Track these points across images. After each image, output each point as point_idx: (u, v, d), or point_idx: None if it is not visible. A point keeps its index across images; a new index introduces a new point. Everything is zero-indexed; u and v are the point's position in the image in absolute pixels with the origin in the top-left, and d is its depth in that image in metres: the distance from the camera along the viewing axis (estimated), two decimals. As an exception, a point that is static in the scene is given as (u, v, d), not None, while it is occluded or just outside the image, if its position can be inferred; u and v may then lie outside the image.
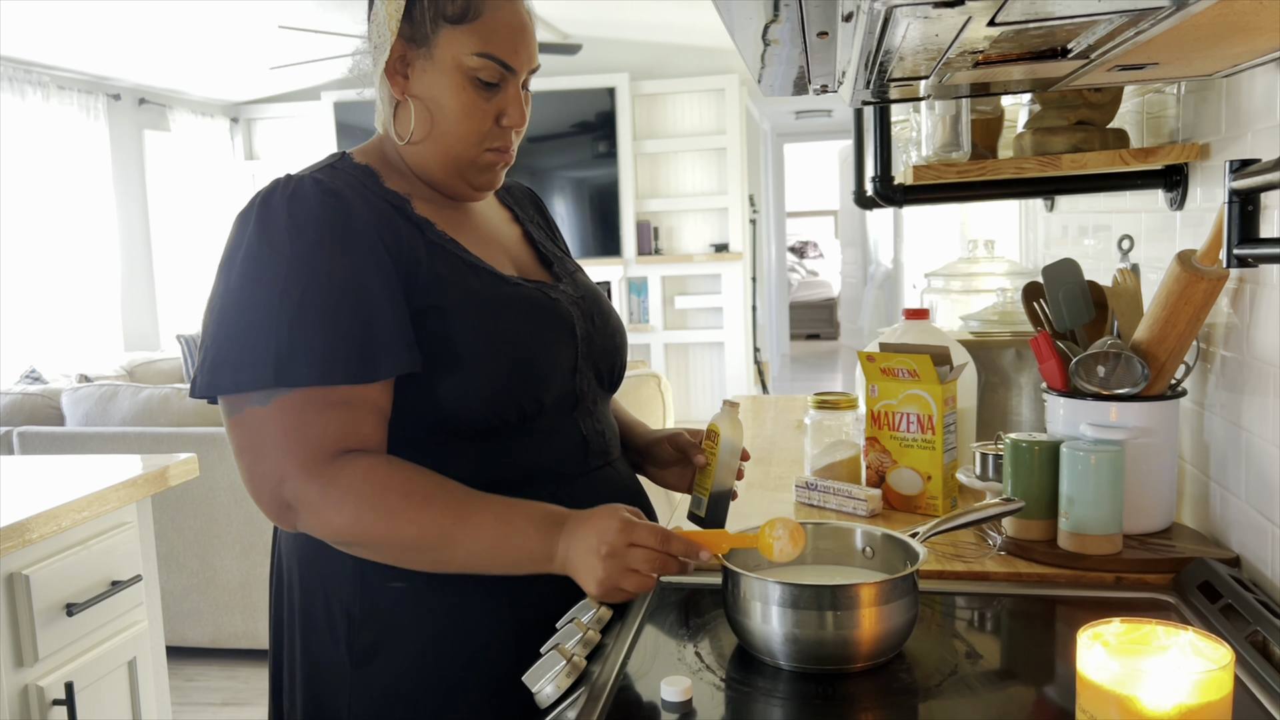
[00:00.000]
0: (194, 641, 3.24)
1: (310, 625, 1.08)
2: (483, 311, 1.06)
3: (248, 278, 1.00)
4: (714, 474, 1.16)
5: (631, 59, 6.30)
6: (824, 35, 0.90)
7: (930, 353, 1.32)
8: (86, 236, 5.33)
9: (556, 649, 0.89)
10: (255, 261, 1.00)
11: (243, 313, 0.99)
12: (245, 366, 0.97)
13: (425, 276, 1.04)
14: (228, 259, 1.03)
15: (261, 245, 1.00)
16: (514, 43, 1.08)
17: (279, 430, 0.98)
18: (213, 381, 0.99)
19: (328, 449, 0.98)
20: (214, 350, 0.99)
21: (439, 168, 1.11)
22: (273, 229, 1.00)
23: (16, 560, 1.54)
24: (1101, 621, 0.73)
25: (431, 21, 1.05)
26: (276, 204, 1.02)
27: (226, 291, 1.01)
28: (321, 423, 0.98)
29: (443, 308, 1.04)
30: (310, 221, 1.00)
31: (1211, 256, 1.11)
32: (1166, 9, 0.74)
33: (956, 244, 3.58)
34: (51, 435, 3.12)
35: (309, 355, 0.97)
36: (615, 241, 6.35)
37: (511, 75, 1.08)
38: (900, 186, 1.57)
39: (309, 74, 6.21)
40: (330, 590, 1.06)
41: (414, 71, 1.08)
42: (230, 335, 0.99)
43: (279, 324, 0.97)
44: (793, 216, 12.04)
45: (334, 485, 0.97)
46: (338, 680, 1.06)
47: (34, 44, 4.77)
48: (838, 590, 0.89)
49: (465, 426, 1.05)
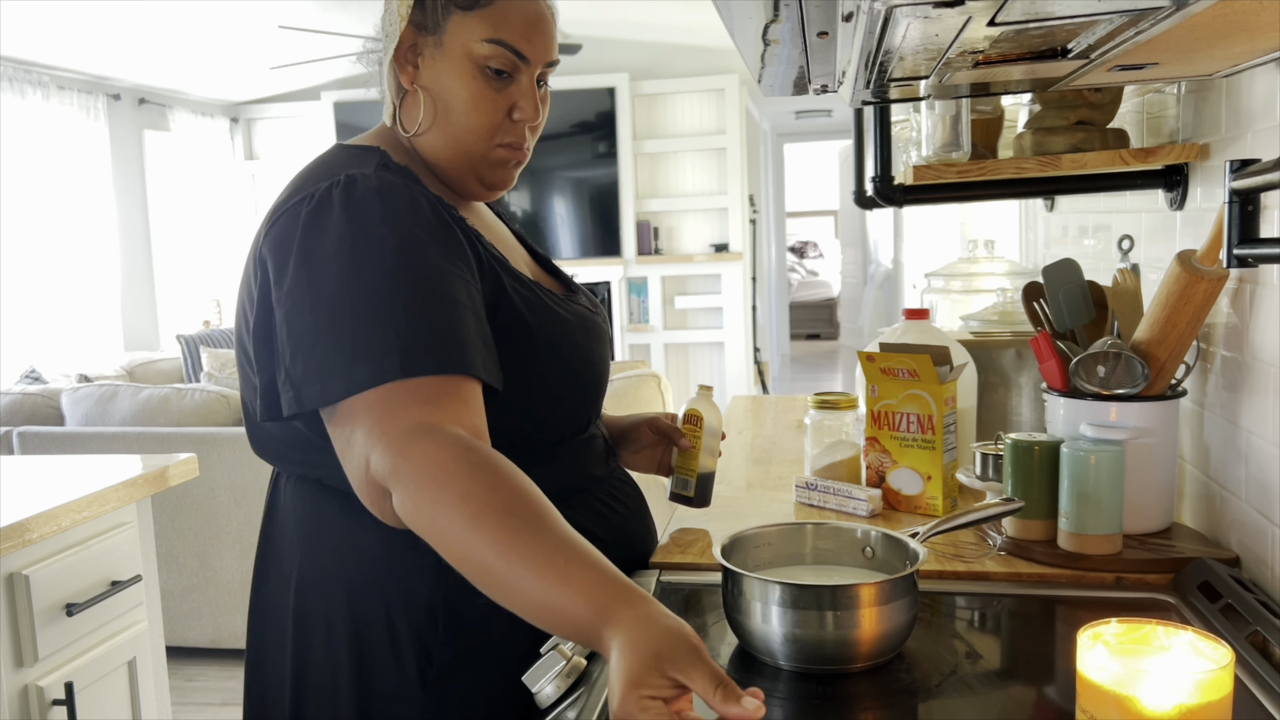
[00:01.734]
0: (194, 641, 3.24)
1: (362, 651, 1.00)
2: (556, 328, 1.04)
3: (351, 267, 0.91)
4: (699, 456, 1.20)
5: (631, 59, 6.30)
6: (824, 35, 0.90)
7: (930, 353, 1.32)
8: (86, 236, 5.33)
9: (556, 649, 0.89)
10: (351, 257, 0.91)
11: (351, 304, 0.90)
12: (366, 360, 0.88)
13: (508, 290, 1.00)
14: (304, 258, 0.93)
15: (362, 236, 0.92)
16: (528, 31, 1.03)
17: (370, 414, 0.88)
18: (326, 390, 0.89)
19: (413, 425, 0.87)
20: (326, 348, 0.90)
21: (448, 161, 1.06)
22: (370, 220, 0.93)
23: (16, 560, 1.54)
24: (1101, 621, 0.73)
25: (442, 8, 1.01)
26: (366, 197, 0.94)
27: (321, 283, 0.91)
28: (418, 400, 0.88)
29: (524, 324, 1.01)
30: (408, 216, 0.94)
31: (1211, 256, 1.11)
32: (1166, 9, 0.74)
33: (956, 244, 3.58)
34: (51, 435, 3.12)
35: (433, 344, 0.89)
36: (615, 241, 6.35)
37: (525, 65, 1.04)
38: (900, 186, 1.57)
39: (309, 74, 6.21)
40: (395, 613, 0.99)
41: (423, 60, 1.03)
42: (343, 329, 0.90)
43: (397, 315, 0.89)
44: (793, 216, 12.04)
45: (405, 457, 0.86)
46: (404, 705, 0.99)
47: (34, 44, 4.77)
48: (838, 590, 0.89)
49: (530, 441, 1.02)
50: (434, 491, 0.84)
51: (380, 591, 1.00)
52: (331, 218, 0.93)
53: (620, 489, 1.19)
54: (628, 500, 1.19)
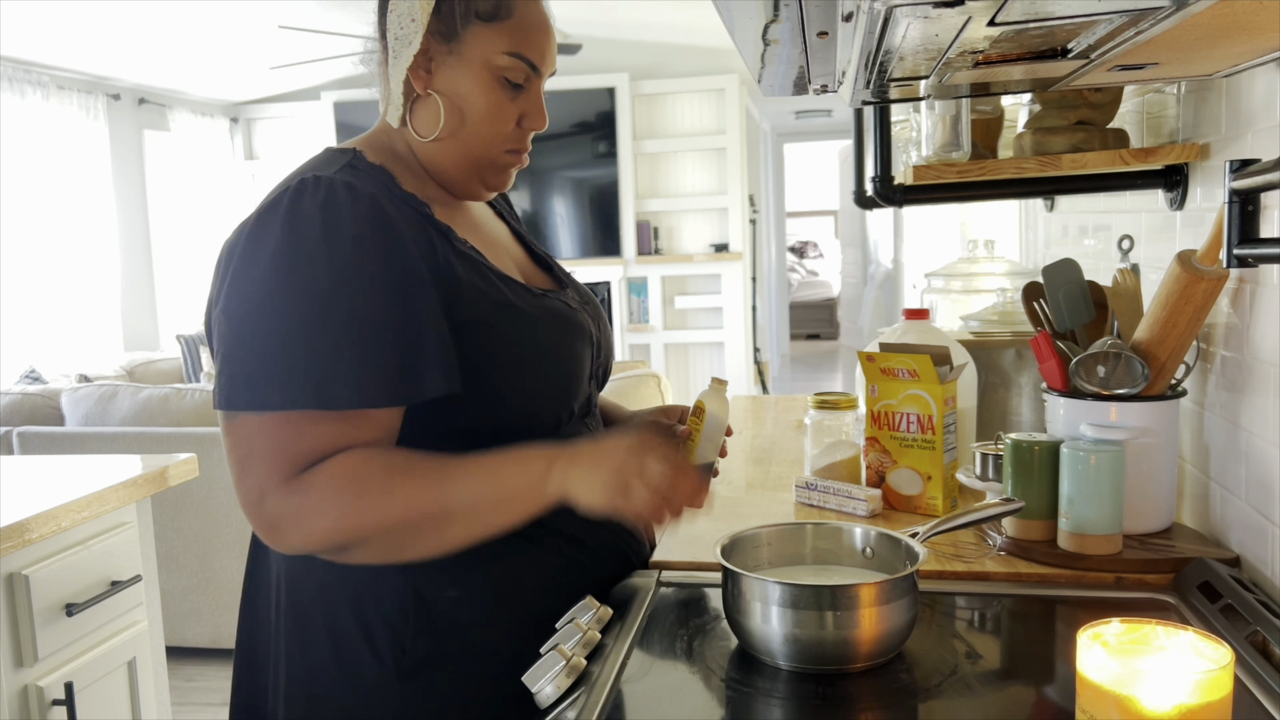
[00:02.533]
0: (194, 641, 3.24)
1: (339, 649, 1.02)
2: (520, 325, 1.04)
3: (280, 287, 0.93)
4: (697, 447, 1.19)
5: (631, 59, 6.30)
6: (824, 35, 0.90)
7: (930, 353, 1.32)
8: (86, 236, 5.33)
9: (556, 649, 0.89)
10: (289, 272, 0.93)
11: (276, 324, 0.93)
12: (279, 385, 0.91)
13: (466, 291, 1.00)
14: (249, 261, 0.95)
15: (296, 253, 0.93)
16: (542, 44, 1.06)
17: (267, 443, 0.92)
18: (249, 396, 0.92)
19: (308, 462, 0.93)
20: (244, 362, 0.93)
21: (456, 166, 1.08)
22: (307, 237, 0.93)
23: (16, 560, 1.54)
24: (1101, 621, 0.73)
25: (462, 18, 1.02)
26: (308, 210, 0.95)
27: (252, 298, 0.94)
28: (315, 435, 0.92)
29: (484, 322, 1.01)
30: (347, 232, 0.94)
31: (1211, 256, 1.11)
32: (1166, 9, 0.74)
33: (956, 244, 3.58)
34: (51, 435, 3.12)
35: (351, 377, 0.92)
36: (615, 241, 6.35)
37: (537, 76, 1.07)
38: (900, 186, 1.57)
39: (309, 74, 6.21)
40: (369, 610, 1.01)
41: (437, 67, 1.04)
42: (264, 348, 0.93)
43: (320, 343, 0.92)
44: (793, 216, 12.04)
45: (312, 489, 0.91)
46: (382, 698, 1.01)
47: (34, 44, 4.77)
48: (838, 590, 0.89)
49: (498, 439, 1.02)
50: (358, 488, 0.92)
51: (355, 585, 1.02)
52: (273, 233, 0.95)
53: None
54: None
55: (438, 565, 0.99)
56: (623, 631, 1.00)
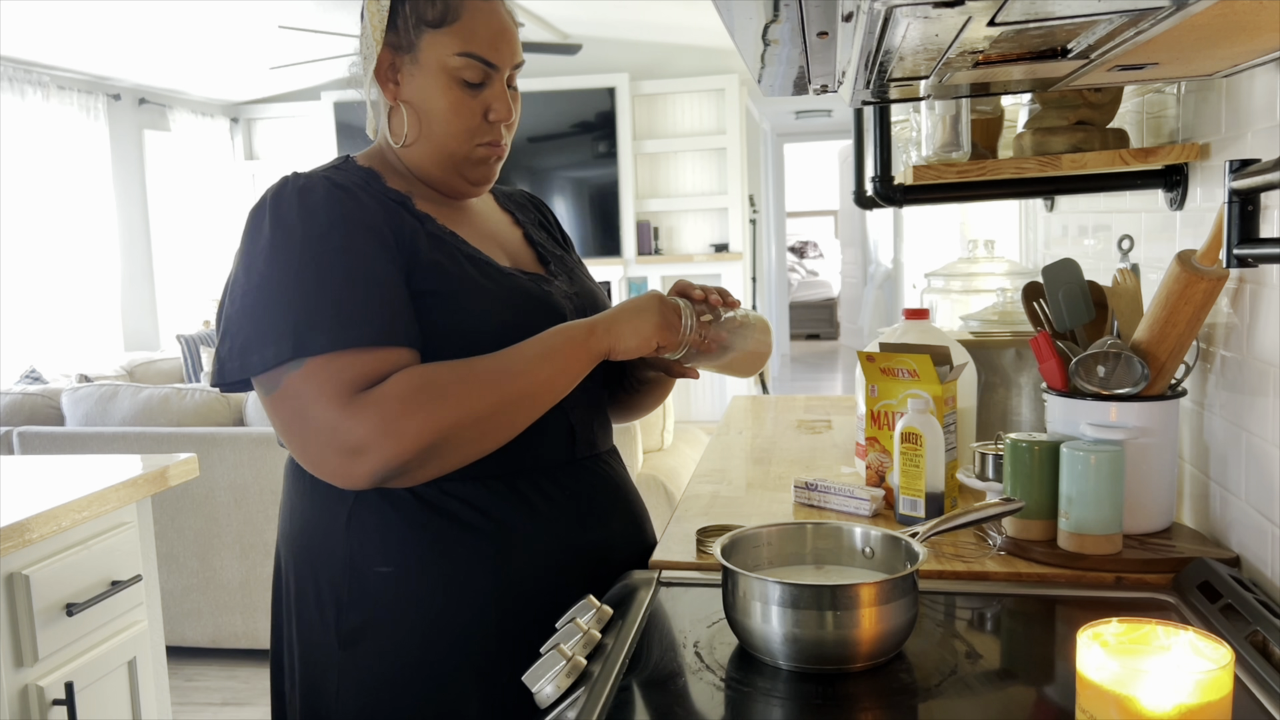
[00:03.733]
0: (194, 641, 3.24)
1: (303, 608, 1.12)
2: (475, 298, 1.09)
3: (265, 265, 1.03)
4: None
5: (631, 59, 6.30)
6: (824, 35, 0.90)
7: (930, 353, 1.32)
8: (86, 236, 5.33)
9: (556, 649, 0.89)
10: (271, 250, 1.03)
11: (261, 296, 1.02)
12: (269, 343, 1.00)
13: (424, 263, 1.08)
14: (244, 252, 1.06)
15: (277, 234, 1.04)
16: (494, 41, 1.12)
17: (315, 387, 1.00)
18: (244, 365, 1.02)
19: (362, 387, 1.01)
20: (239, 336, 1.03)
21: (434, 165, 1.15)
22: (285, 218, 1.04)
23: (16, 560, 1.54)
24: (1101, 621, 0.73)
25: (414, 28, 1.10)
26: (289, 196, 1.06)
27: (245, 281, 1.04)
28: (354, 367, 1.00)
29: (438, 292, 1.08)
30: (320, 210, 1.04)
31: (1211, 256, 1.11)
32: (1166, 9, 0.74)
33: (956, 244, 3.58)
34: (51, 435, 3.12)
35: (326, 323, 1.00)
36: (615, 241, 6.35)
37: (495, 72, 1.13)
38: (900, 186, 1.57)
39: (309, 74, 6.21)
40: (320, 574, 1.10)
41: (403, 77, 1.13)
42: (252, 319, 1.02)
43: (294, 300, 1.01)
44: (793, 216, 12.04)
45: (389, 400, 0.99)
46: (327, 662, 1.10)
47: (34, 44, 4.77)
48: (838, 590, 0.89)
49: None
50: (435, 390, 1.01)
51: (311, 553, 1.11)
52: (263, 220, 1.06)
53: (588, 482, 1.17)
54: (594, 493, 1.17)
55: (372, 539, 1.07)
56: (623, 631, 1.00)
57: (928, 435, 1.26)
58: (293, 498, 1.15)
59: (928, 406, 1.27)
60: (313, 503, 1.12)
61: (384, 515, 1.08)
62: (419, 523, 1.07)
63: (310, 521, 1.12)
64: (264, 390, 1.03)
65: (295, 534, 1.14)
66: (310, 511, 1.12)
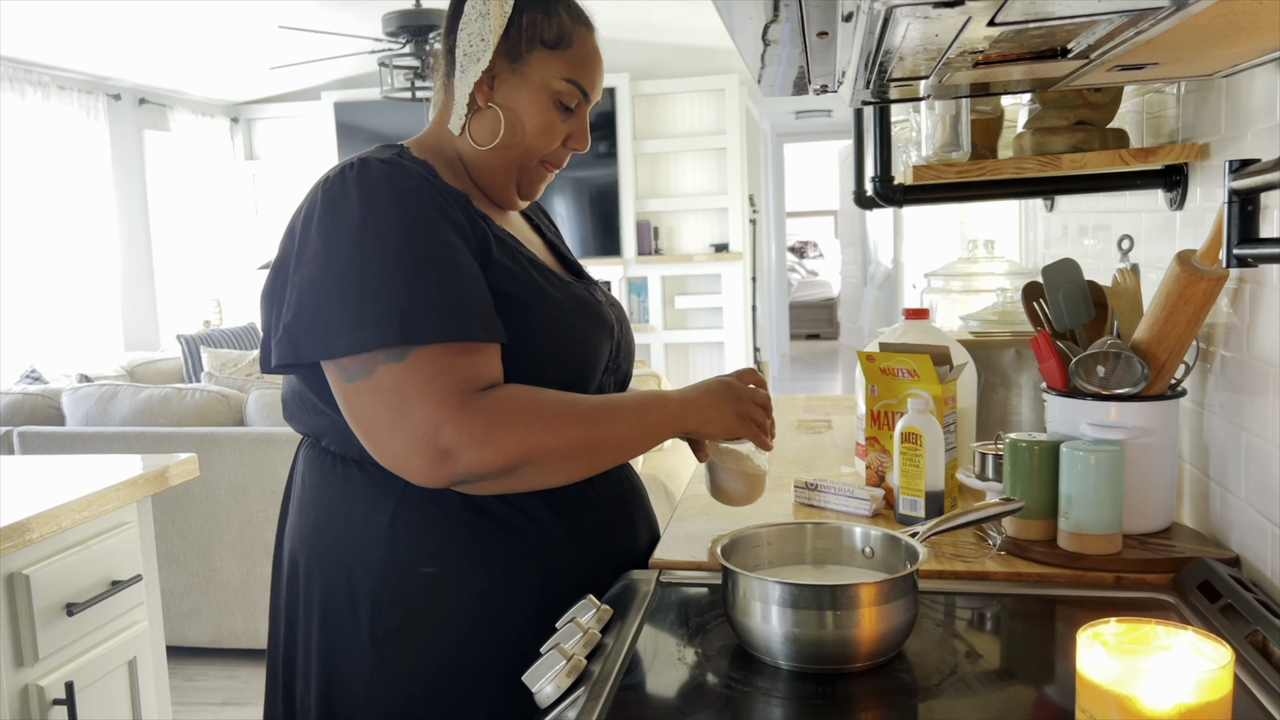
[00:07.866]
0: (194, 641, 3.24)
1: (329, 608, 1.09)
2: (547, 304, 1.10)
3: (353, 245, 1.00)
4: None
5: (631, 59, 6.30)
6: (824, 35, 0.90)
7: (930, 353, 1.32)
8: (86, 236, 5.33)
9: (556, 649, 0.89)
10: (362, 229, 1.00)
11: (351, 278, 0.99)
12: (365, 326, 0.97)
13: (495, 264, 1.08)
14: (325, 229, 1.02)
15: (369, 214, 1.01)
16: (595, 74, 1.16)
17: (423, 381, 0.98)
18: (327, 347, 0.99)
19: (471, 389, 1.00)
20: (319, 316, 0.99)
21: (503, 173, 1.16)
22: (376, 200, 1.02)
23: (16, 560, 1.54)
24: (1101, 621, 0.73)
25: (528, 42, 1.12)
26: (375, 178, 1.03)
27: (328, 259, 1.00)
28: (462, 366, 0.99)
29: (512, 296, 1.07)
30: (412, 197, 1.03)
31: (1211, 256, 1.11)
32: (1166, 9, 0.74)
33: (956, 244, 3.58)
34: (51, 435, 3.12)
35: (436, 313, 0.98)
36: (615, 241, 6.35)
37: (586, 103, 1.17)
38: (900, 186, 1.57)
39: (309, 74, 6.21)
40: (354, 573, 1.08)
41: (500, 84, 1.13)
42: (339, 300, 0.99)
43: (399, 284, 0.98)
44: (793, 216, 12.04)
45: (496, 411, 0.99)
46: (358, 662, 1.07)
47: (34, 44, 4.77)
48: (838, 590, 0.89)
49: None
50: (538, 414, 1.02)
51: (346, 550, 1.09)
52: (349, 195, 1.02)
53: (615, 489, 1.19)
54: (622, 497, 1.20)
55: (417, 540, 1.06)
56: (623, 631, 1.00)
57: (928, 435, 1.26)
58: (320, 494, 1.12)
59: (928, 406, 1.27)
60: (351, 500, 1.09)
61: (429, 516, 1.06)
62: (464, 523, 1.07)
63: (342, 519, 1.10)
64: (346, 376, 1.00)
65: (318, 532, 1.11)
66: (344, 509, 1.10)
